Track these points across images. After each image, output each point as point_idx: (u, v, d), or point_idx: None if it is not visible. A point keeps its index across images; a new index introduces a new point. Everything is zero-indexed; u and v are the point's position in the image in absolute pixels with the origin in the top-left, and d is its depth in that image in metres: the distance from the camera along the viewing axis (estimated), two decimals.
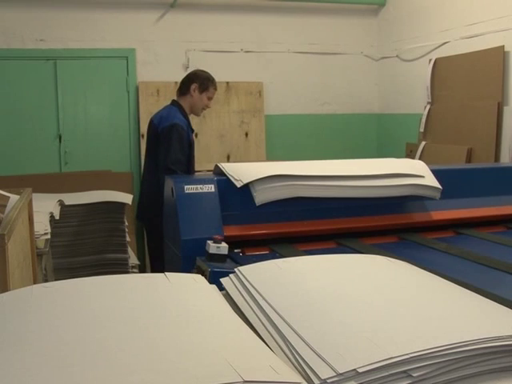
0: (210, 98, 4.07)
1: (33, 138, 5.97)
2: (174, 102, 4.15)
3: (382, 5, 6.86)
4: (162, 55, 6.26)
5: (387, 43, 6.82)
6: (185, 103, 4.07)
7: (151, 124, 4.16)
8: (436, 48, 5.85)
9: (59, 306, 1.27)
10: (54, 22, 5.94)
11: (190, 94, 4.03)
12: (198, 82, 4.03)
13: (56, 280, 2.96)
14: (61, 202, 4.61)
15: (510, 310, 1.25)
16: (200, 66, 6.37)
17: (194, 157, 4.09)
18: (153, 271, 2.65)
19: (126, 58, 6.21)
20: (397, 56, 6.63)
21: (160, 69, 6.23)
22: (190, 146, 4.01)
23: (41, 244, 3.21)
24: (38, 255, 3.12)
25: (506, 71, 4.84)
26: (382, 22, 6.93)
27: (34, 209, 3.02)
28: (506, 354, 1.03)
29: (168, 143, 3.85)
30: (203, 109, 4.11)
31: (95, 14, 6.06)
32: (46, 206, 4.06)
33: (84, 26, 6.03)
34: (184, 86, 4.09)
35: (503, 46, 4.84)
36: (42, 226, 3.43)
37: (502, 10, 4.92)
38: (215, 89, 4.10)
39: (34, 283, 2.59)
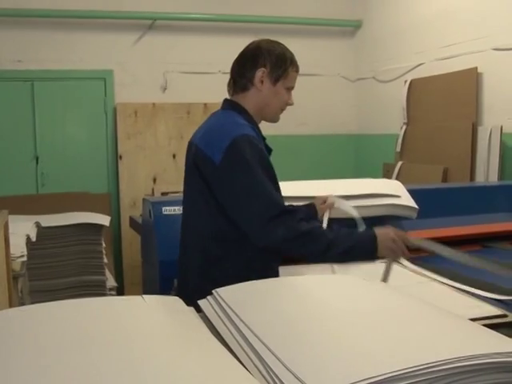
0: (290, 89, 2.36)
1: (9, 160, 5.93)
2: (228, 103, 2.33)
3: (358, 27, 6.97)
4: (139, 76, 6.27)
5: (363, 64, 6.90)
6: (248, 104, 2.30)
7: (190, 148, 2.29)
8: (411, 69, 5.94)
9: (35, 329, 1.25)
10: (31, 42, 5.94)
11: (256, 88, 2.26)
12: (268, 63, 2.25)
13: (32, 303, 2.93)
14: (37, 224, 4.56)
15: (485, 328, 1.26)
16: (178, 87, 6.40)
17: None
18: None
19: (103, 79, 6.22)
20: (373, 77, 6.72)
21: (138, 90, 6.24)
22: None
23: (17, 266, 3.16)
24: (14, 278, 3.07)
25: (479, 92, 4.93)
26: (358, 43, 7.02)
27: (10, 231, 2.98)
28: (480, 372, 1.04)
29: (242, 178, 2.08)
30: (282, 109, 2.40)
31: (73, 35, 6.06)
32: (22, 228, 4.01)
33: (62, 47, 6.03)
34: (241, 77, 2.27)
35: (476, 67, 4.93)
36: (18, 248, 3.38)
37: (475, 33, 5.02)
38: (297, 71, 2.36)
39: (10, 307, 2.55)
